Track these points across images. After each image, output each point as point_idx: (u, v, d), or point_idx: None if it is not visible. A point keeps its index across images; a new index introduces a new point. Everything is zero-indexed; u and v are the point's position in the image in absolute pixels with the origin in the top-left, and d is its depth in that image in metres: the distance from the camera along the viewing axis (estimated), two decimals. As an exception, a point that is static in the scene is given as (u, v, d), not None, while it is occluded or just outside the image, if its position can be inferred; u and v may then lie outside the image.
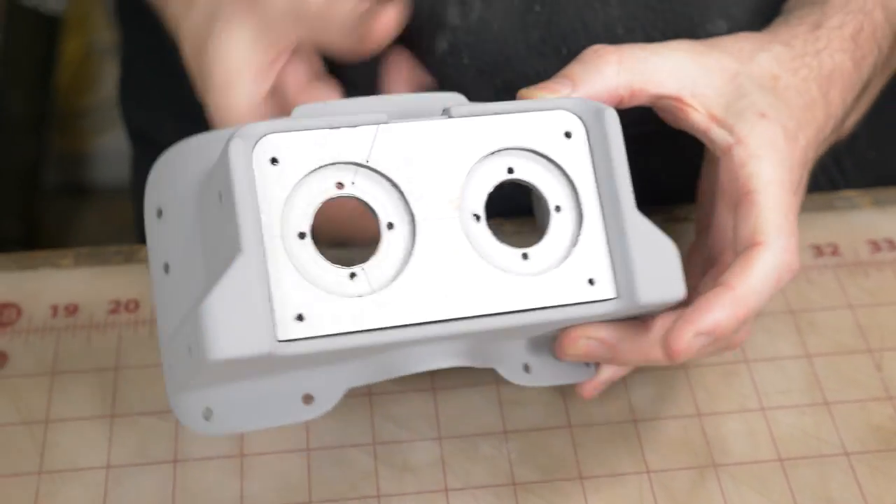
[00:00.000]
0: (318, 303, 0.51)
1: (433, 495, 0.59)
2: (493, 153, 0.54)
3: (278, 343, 0.50)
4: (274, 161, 0.51)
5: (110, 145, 1.81)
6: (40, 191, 1.69)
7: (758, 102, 0.57)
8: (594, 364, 0.62)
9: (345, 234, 0.59)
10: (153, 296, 0.57)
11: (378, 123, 0.53)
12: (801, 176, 0.58)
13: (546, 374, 0.60)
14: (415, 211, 0.53)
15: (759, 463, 0.61)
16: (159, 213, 0.56)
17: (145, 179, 0.56)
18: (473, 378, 0.64)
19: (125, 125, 0.92)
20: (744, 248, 0.55)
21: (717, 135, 0.57)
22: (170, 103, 0.81)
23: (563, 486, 0.60)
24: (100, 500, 0.59)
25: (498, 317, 0.53)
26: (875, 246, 0.71)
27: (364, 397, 0.64)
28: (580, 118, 0.55)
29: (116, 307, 0.68)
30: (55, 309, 0.68)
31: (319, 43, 0.59)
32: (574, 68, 0.57)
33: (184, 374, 0.53)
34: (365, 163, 0.52)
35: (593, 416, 0.63)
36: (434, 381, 0.64)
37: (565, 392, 0.64)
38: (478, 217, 0.54)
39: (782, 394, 0.64)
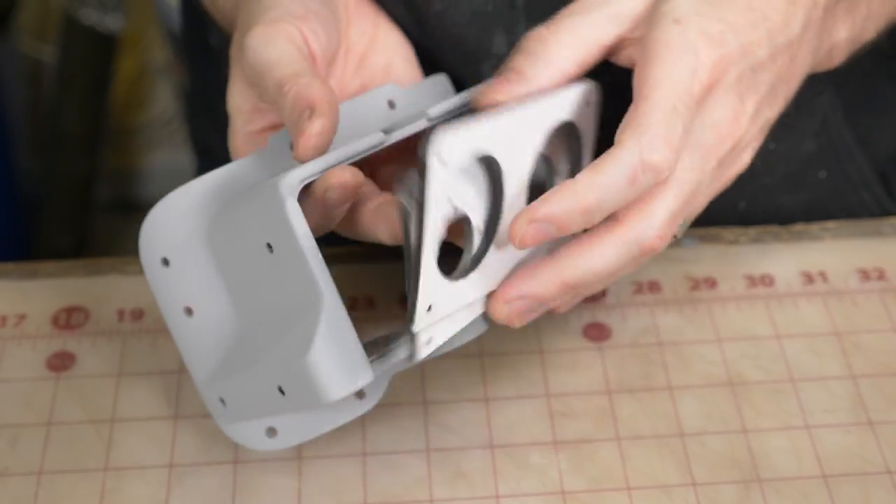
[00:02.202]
0: (443, 292, 0.56)
1: (485, 501, 0.61)
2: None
3: (373, 373, 0.55)
4: (443, 163, 0.53)
5: (162, 162, 1.84)
6: (92, 206, 1.72)
7: (677, 7, 0.56)
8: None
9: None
10: (175, 339, 0.61)
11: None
12: (719, 78, 0.56)
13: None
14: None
15: (803, 479, 0.62)
16: (165, 262, 0.59)
17: None
18: (525, 390, 0.66)
19: (191, 140, 0.94)
20: None
21: (629, 55, 0.57)
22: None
23: (611, 497, 0.61)
24: (163, 497, 0.61)
25: None
26: (921, 272, 0.72)
27: (419, 406, 0.65)
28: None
29: (180, 313, 0.70)
30: (121, 313, 0.70)
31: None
32: (520, 61, 0.57)
33: (262, 409, 0.58)
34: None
35: (641, 429, 0.64)
36: (486, 391, 0.66)
37: (615, 405, 0.65)
38: None
39: (827, 413, 0.65)
